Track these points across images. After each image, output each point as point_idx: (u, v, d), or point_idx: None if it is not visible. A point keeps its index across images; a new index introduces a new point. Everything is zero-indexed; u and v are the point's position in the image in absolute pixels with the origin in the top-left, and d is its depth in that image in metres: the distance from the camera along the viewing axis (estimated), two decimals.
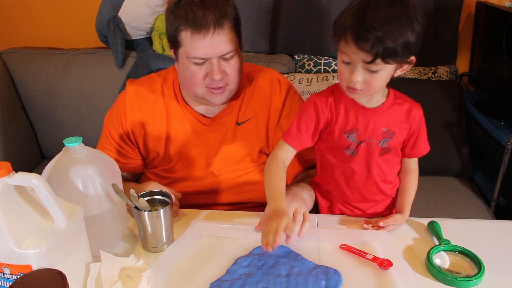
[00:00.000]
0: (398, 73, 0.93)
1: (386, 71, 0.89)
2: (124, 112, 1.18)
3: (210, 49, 1.03)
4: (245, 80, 1.21)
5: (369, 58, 0.85)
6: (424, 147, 1.04)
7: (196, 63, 1.05)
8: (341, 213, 1.12)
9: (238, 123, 1.19)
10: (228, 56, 1.06)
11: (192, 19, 1.01)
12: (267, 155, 1.23)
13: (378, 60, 0.85)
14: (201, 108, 1.18)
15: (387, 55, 0.85)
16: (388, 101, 0.99)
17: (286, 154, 1.02)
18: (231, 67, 1.08)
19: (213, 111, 1.18)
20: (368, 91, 0.92)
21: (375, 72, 0.88)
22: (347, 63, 0.90)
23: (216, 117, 1.18)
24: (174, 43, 1.07)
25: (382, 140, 0.99)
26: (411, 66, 0.91)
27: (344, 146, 1.01)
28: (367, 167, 1.02)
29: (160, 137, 1.19)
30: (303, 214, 0.99)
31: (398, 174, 1.08)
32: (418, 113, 1.00)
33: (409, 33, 0.85)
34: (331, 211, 1.13)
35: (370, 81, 0.89)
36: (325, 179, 1.11)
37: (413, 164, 1.07)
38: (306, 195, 1.11)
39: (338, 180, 1.06)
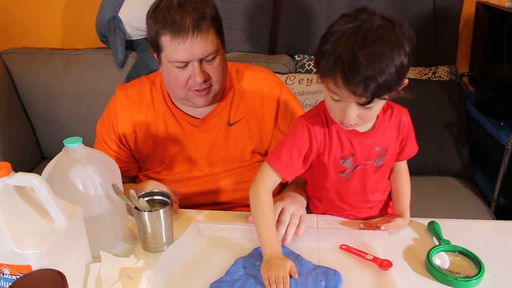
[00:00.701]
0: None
1: (381, 102, 0.85)
2: (115, 116, 1.19)
3: (190, 52, 1.03)
4: (234, 80, 1.20)
5: (364, 100, 0.79)
6: (412, 150, 1.02)
7: (178, 67, 1.06)
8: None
9: (229, 124, 1.19)
10: (209, 57, 1.06)
11: (171, 23, 1.01)
12: (261, 154, 1.23)
13: (375, 99, 0.80)
14: (189, 109, 1.18)
15: (383, 92, 0.79)
16: (379, 120, 0.95)
17: (274, 183, 0.96)
18: (214, 68, 1.08)
19: (202, 112, 1.18)
20: (363, 123, 0.90)
21: (370, 108, 0.83)
22: (337, 101, 0.84)
23: (206, 118, 1.18)
24: (156, 47, 1.07)
25: (376, 159, 0.98)
26: (404, 84, 0.86)
27: (340, 171, 0.99)
28: (362, 185, 1.02)
29: (150, 139, 1.19)
30: (300, 216, 1.00)
31: (389, 177, 1.07)
32: (406, 119, 0.98)
33: (402, 57, 0.79)
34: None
35: (365, 116, 0.85)
36: (315, 193, 1.10)
37: (402, 166, 1.05)
38: (303, 198, 1.11)
39: (331, 197, 1.05)
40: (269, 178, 0.95)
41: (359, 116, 0.85)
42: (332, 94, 0.83)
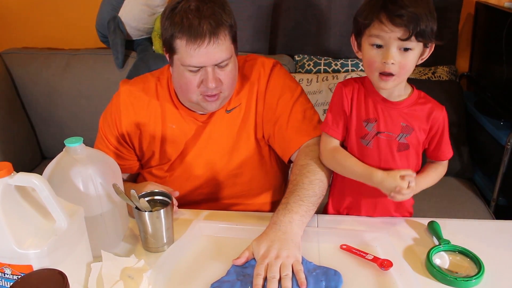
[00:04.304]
0: (419, 61, 0.95)
1: (416, 51, 0.92)
2: (119, 113, 1.18)
3: (205, 58, 1.03)
4: None
5: (406, 34, 0.88)
6: (448, 151, 1.05)
7: (191, 70, 1.05)
8: (347, 213, 1.12)
9: (227, 111, 1.18)
10: (223, 64, 1.05)
11: (188, 27, 1.00)
12: (259, 140, 1.21)
13: (413, 37, 0.88)
14: (195, 108, 1.18)
15: (420, 33, 0.88)
16: (410, 98, 1.00)
17: (334, 143, 1.06)
18: (226, 75, 1.08)
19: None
20: (401, 75, 0.93)
21: (407, 51, 0.91)
22: (379, 47, 0.92)
23: (210, 113, 1.18)
24: (169, 48, 1.06)
25: (400, 134, 1.00)
26: (429, 54, 0.95)
27: (361, 135, 1.02)
28: (384, 161, 1.02)
29: (155, 137, 1.19)
30: (293, 265, 0.86)
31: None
32: (441, 114, 1.01)
33: (432, 18, 0.90)
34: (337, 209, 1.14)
35: (403, 63, 0.91)
36: (341, 181, 1.10)
37: (440, 162, 1.07)
38: (303, 211, 0.98)
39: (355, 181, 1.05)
40: (327, 142, 1.06)
41: (399, 63, 0.91)
42: (374, 40, 0.92)
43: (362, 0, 0.96)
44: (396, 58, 0.91)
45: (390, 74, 0.92)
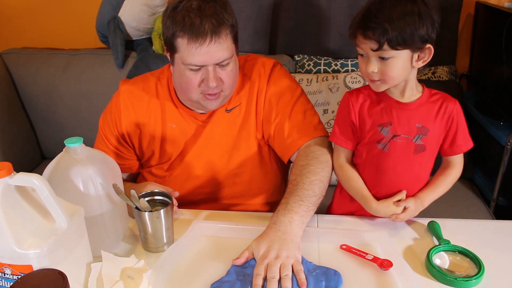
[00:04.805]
0: (420, 64, 0.95)
1: (400, 59, 0.92)
2: (118, 113, 1.18)
3: (206, 57, 1.03)
4: None
5: (375, 46, 0.91)
6: (465, 143, 1.04)
7: (192, 69, 1.05)
8: (351, 213, 1.12)
9: (227, 110, 1.18)
10: (224, 63, 1.06)
11: (189, 26, 1.00)
12: (259, 140, 1.21)
13: (386, 47, 0.90)
14: (196, 107, 1.18)
15: (393, 41, 0.89)
16: (422, 97, 1.00)
17: (345, 154, 1.08)
18: (227, 74, 1.08)
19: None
20: (386, 81, 0.95)
21: (387, 59, 0.92)
22: (362, 56, 0.96)
23: (210, 111, 1.18)
24: (170, 47, 1.06)
25: (416, 136, 1.00)
26: (431, 55, 0.94)
27: (377, 140, 1.02)
28: (401, 164, 1.02)
29: (155, 137, 1.19)
30: (292, 265, 0.86)
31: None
32: (454, 108, 1.01)
33: (416, 23, 0.89)
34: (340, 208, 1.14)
35: (384, 70, 0.93)
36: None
37: (454, 159, 1.06)
38: (303, 211, 0.97)
39: (365, 178, 1.06)
40: (339, 153, 1.09)
41: (380, 71, 0.94)
42: (359, 49, 0.96)
43: (362, 0, 0.96)
44: (376, 66, 0.94)
45: (375, 79, 0.96)
